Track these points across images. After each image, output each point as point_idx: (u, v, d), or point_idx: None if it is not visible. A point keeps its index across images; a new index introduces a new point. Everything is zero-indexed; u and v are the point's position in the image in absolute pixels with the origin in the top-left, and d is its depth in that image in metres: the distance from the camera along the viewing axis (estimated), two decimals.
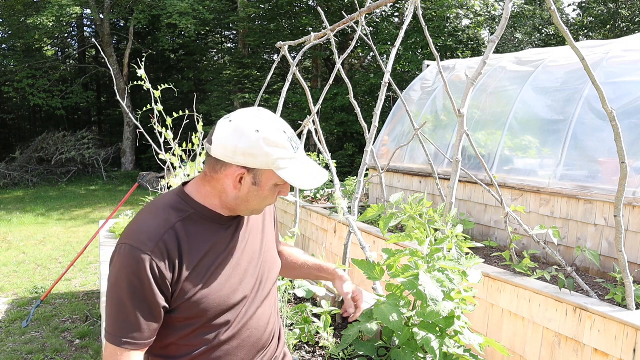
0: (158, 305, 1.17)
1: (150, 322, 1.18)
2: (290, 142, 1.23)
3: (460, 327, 1.70)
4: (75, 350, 3.86)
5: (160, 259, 1.16)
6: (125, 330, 1.16)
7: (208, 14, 14.61)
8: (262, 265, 1.39)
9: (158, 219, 1.21)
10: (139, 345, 1.17)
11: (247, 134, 1.18)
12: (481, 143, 4.50)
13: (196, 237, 1.23)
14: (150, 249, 1.15)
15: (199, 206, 1.27)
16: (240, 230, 1.35)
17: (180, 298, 1.20)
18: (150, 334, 1.19)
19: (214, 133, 1.23)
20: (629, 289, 2.48)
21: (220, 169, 1.23)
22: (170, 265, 1.17)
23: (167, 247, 1.17)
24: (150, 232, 1.18)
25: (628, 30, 14.31)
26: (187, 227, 1.23)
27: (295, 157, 1.24)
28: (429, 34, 2.78)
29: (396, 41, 2.73)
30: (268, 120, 1.22)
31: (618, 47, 3.91)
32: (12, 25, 15.96)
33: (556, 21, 2.01)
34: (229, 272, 1.29)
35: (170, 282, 1.18)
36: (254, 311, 1.34)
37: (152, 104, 3.33)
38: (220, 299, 1.25)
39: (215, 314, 1.25)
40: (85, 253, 5.85)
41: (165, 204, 1.26)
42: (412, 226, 2.07)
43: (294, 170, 1.23)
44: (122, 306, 1.16)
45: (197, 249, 1.23)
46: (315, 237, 5.38)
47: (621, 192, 2.30)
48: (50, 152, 14.67)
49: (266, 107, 8.96)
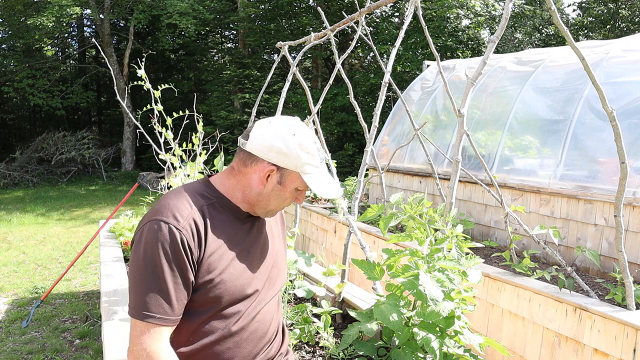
0: (189, 277, 1.22)
1: (181, 295, 1.21)
2: (319, 153, 1.33)
3: (460, 327, 1.70)
4: (75, 350, 3.86)
5: (190, 235, 1.21)
6: (156, 305, 1.18)
7: (208, 14, 14.61)
8: (273, 267, 1.46)
9: (186, 200, 1.28)
10: (168, 321, 1.20)
11: (284, 135, 1.29)
12: (481, 143, 4.50)
13: (220, 223, 1.31)
14: (181, 225, 1.21)
15: (222, 197, 1.34)
16: (256, 229, 1.42)
17: (202, 278, 1.24)
18: (180, 308, 1.22)
19: (251, 130, 1.32)
20: (629, 289, 2.48)
21: (251, 163, 1.31)
22: (198, 242, 1.23)
23: (196, 225, 1.24)
24: (180, 210, 1.24)
25: (628, 30, 14.31)
26: (211, 212, 1.30)
27: (320, 167, 1.35)
28: (429, 34, 2.78)
29: (396, 41, 2.73)
30: (304, 128, 1.33)
31: (618, 47, 3.91)
32: (12, 25, 15.96)
33: (556, 21, 2.01)
34: (246, 263, 1.35)
35: (197, 259, 1.23)
36: (262, 306, 1.39)
37: (152, 104, 3.33)
38: (236, 287, 1.30)
39: (229, 301, 1.30)
40: (85, 253, 5.85)
41: (191, 190, 1.33)
42: (412, 226, 2.07)
43: (318, 178, 1.33)
44: (155, 279, 1.18)
45: (221, 234, 1.30)
46: (315, 237, 5.38)
47: (621, 192, 2.30)
48: (50, 152, 14.67)
49: (266, 107, 9.01)
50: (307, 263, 2.62)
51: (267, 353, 1.43)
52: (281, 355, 1.52)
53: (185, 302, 1.24)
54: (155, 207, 1.27)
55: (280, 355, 1.52)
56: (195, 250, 1.22)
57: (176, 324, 1.23)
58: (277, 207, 1.38)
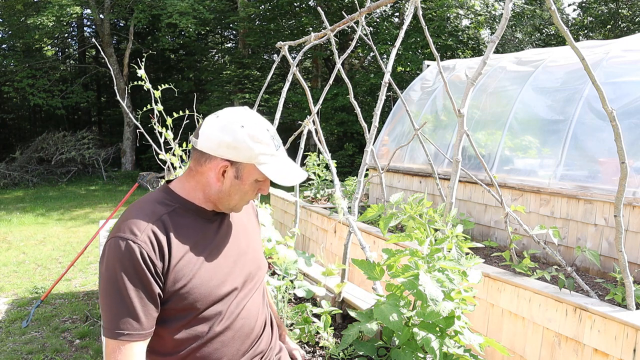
0: (154, 291, 1.19)
1: (148, 309, 1.19)
2: (273, 140, 1.29)
3: (460, 327, 1.70)
4: (75, 350, 3.86)
5: (150, 248, 1.19)
6: (124, 322, 1.17)
7: (208, 13, 14.61)
8: (251, 262, 1.43)
9: (144, 212, 1.25)
10: (138, 336, 1.18)
11: (232, 128, 1.25)
12: (481, 143, 4.50)
13: (183, 229, 1.28)
14: (139, 238, 1.18)
15: (183, 200, 1.32)
16: (225, 226, 1.39)
17: (172, 287, 1.23)
18: (149, 323, 1.20)
19: (200, 127, 1.29)
20: (629, 289, 2.48)
21: (205, 161, 1.28)
22: (160, 254, 1.21)
23: (155, 236, 1.21)
24: (138, 223, 1.21)
25: (628, 30, 14.30)
26: (173, 219, 1.27)
27: (276, 154, 1.30)
28: (429, 33, 2.78)
29: (396, 41, 2.72)
30: (253, 118, 1.29)
31: (618, 47, 3.91)
32: (12, 25, 15.94)
33: (556, 21, 2.01)
34: (218, 263, 1.32)
35: (161, 270, 1.21)
36: (245, 302, 1.38)
37: (152, 104, 3.33)
38: (210, 289, 1.28)
39: (206, 304, 1.28)
40: (85, 253, 5.85)
41: (150, 200, 1.31)
42: (412, 226, 2.07)
43: (274, 167, 1.29)
44: (119, 297, 1.17)
45: (185, 239, 1.27)
46: (315, 237, 5.38)
47: (621, 192, 2.30)
48: (50, 152, 14.66)
49: (266, 107, 9.01)
50: (307, 263, 2.62)
51: (255, 348, 1.41)
52: (271, 350, 1.49)
53: (156, 315, 1.22)
54: (117, 222, 1.27)
55: (271, 349, 1.48)
56: (157, 262, 1.19)
57: (148, 337, 1.21)
58: (241, 202, 1.34)
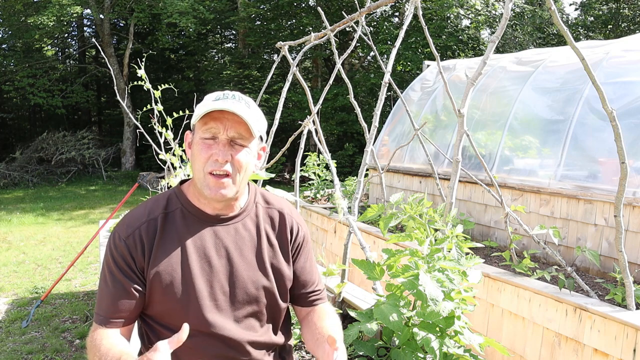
0: (129, 284, 1.26)
1: (122, 300, 1.26)
2: (220, 96, 1.28)
3: (460, 327, 1.70)
4: (75, 350, 3.86)
5: (133, 245, 1.26)
6: (101, 307, 1.27)
7: (208, 13, 14.61)
8: (247, 288, 1.33)
9: (144, 210, 1.32)
10: (112, 324, 1.25)
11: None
12: (481, 143, 4.50)
13: (175, 232, 1.31)
14: (126, 235, 1.27)
15: (188, 203, 1.34)
16: (222, 236, 1.33)
17: (153, 286, 1.28)
18: (122, 313, 1.26)
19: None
20: (629, 289, 2.48)
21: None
22: (142, 252, 1.27)
23: (142, 235, 1.27)
24: (132, 221, 1.30)
25: (629, 30, 14.30)
26: (168, 221, 1.31)
27: (208, 99, 1.29)
28: (429, 33, 2.78)
29: (396, 41, 2.72)
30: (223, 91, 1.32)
31: (618, 47, 3.91)
32: (12, 25, 15.94)
33: (556, 21, 2.01)
34: (202, 271, 1.30)
35: (142, 268, 1.27)
36: (226, 323, 1.30)
37: (152, 104, 3.33)
38: (185, 295, 1.28)
39: (180, 309, 1.29)
40: (85, 253, 5.84)
41: (158, 197, 1.36)
42: (412, 226, 2.07)
43: (202, 104, 1.29)
44: (104, 283, 1.28)
45: (173, 243, 1.30)
46: (315, 237, 5.38)
47: (621, 192, 2.30)
48: (50, 152, 14.66)
49: (266, 107, 9.04)
50: None
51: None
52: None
53: (131, 308, 1.27)
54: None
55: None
56: (139, 259, 1.27)
57: (119, 326, 1.27)
58: (201, 169, 1.25)
